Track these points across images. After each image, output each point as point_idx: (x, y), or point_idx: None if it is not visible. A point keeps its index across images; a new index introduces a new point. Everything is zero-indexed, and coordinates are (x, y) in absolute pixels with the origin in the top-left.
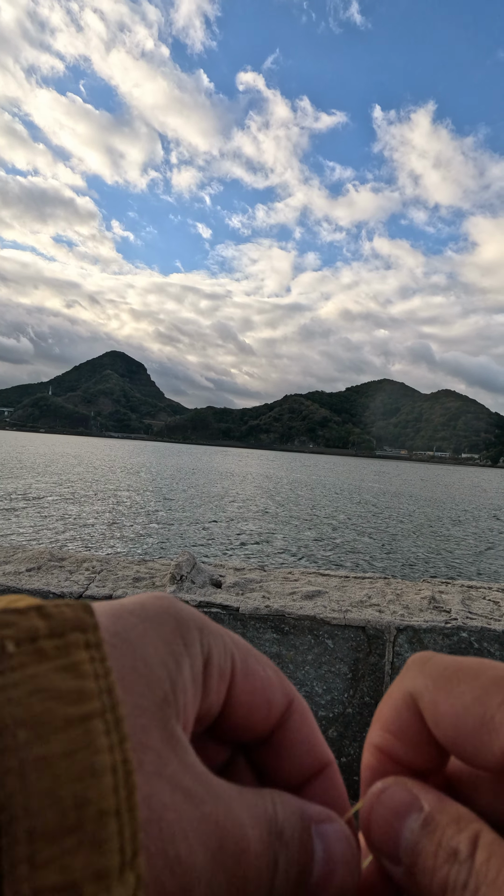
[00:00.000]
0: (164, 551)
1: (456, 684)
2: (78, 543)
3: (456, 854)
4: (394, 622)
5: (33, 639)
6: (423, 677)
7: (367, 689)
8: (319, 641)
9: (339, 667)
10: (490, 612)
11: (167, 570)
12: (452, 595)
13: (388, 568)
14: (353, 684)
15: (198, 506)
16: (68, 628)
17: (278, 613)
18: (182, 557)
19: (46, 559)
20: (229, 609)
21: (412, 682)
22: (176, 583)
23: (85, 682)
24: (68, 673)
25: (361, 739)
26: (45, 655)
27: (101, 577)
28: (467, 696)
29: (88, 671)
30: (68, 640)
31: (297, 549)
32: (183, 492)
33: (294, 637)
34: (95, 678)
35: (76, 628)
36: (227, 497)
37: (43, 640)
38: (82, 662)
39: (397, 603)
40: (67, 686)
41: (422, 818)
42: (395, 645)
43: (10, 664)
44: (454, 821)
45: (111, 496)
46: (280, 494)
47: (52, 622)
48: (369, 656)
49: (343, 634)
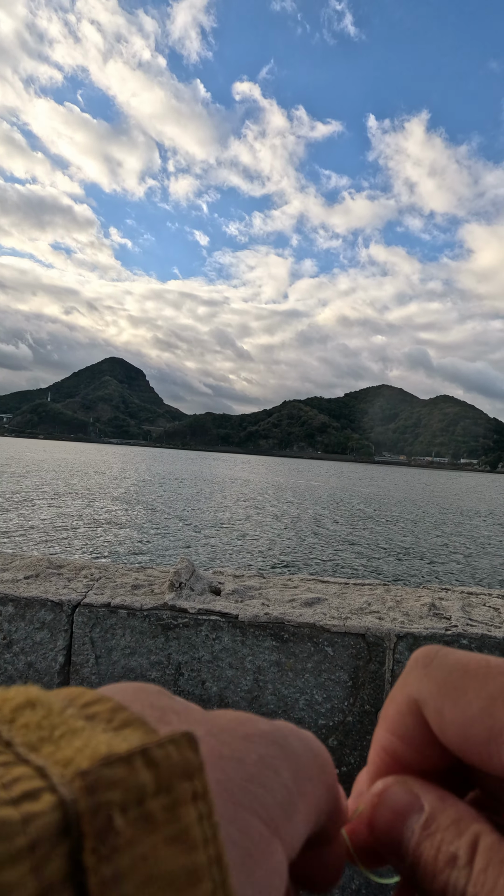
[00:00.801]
0: (163, 558)
1: (462, 692)
2: (76, 551)
3: (455, 859)
4: (394, 629)
5: (140, 800)
6: (427, 682)
7: (367, 698)
8: (319, 649)
9: (338, 675)
10: (490, 619)
11: (166, 578)
12: (452, 602)
13: (387, 574)
14: (354, 692)
15: (196, 512)
16: (175, 778)
17: (278, 621)
18: (181, 564)
19: (45, 566)
20: (228, 617)
21: (416, 686)
22: (175, 590)
23: (196, 857)
24: (178, 846)
25: (362, 748)
26: (155, 823)
27: (99, 584)
28: (474, 706)
29: (198, 838)
30: (176, 798)
31: (297, 556)
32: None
33: (293, 645)
34: (205, 845)
35: (183, 775)
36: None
37: (150, 801)
38: (191, 826)
39: (397, 610)
40: (179, 865)
41: (422, 819)
42: (395, 652)
43: (117, 842)
44: (454, 822)
45: (109, 503)
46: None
47: (159, 772)
48: (369, 664)
49: (343, 642)
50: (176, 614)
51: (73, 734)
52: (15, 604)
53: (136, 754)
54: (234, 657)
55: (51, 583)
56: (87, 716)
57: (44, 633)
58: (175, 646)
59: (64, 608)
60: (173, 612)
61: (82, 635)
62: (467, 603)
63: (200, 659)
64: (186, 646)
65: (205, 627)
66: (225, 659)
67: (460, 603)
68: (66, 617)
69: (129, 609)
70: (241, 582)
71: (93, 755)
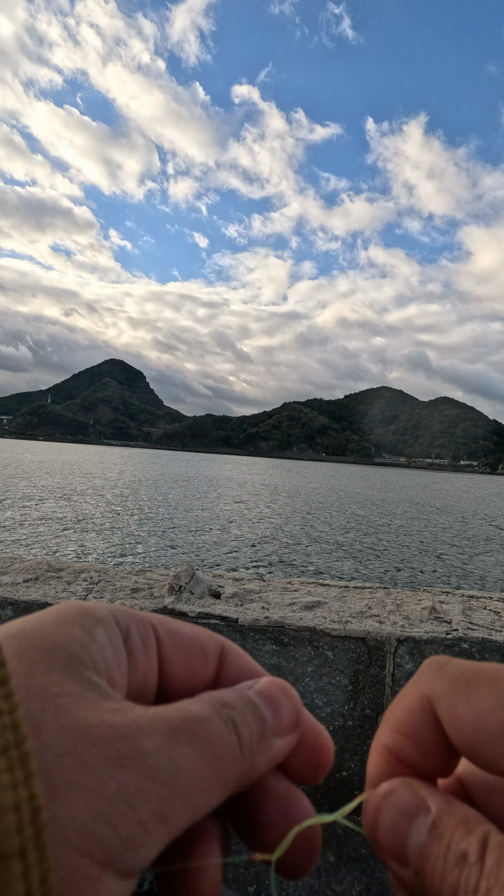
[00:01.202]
0: (163, 562)
1: (475, 688)
2: (75, 554)
3: (465, 857)
4: (394, 633)
5: None
6: (440, 680)
7: (367, 702)
8: (319, 653)
9: (339, 678)
10: (491, 623)
11: (165, 581)
12: (453, 605)
13: (388, 577)
14: (354, 696)
15: (196, 515)
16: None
17: (278, 624)
18: (180, 568)
19: (44, 570)
20: (228, 620)
21: (429, 684)
22: (174, 593)
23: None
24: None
25: (362, 753)
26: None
27: (98, 587)
28: (488, 700)
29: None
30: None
31: (297, 559)
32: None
33: (294, 648)
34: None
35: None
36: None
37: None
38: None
39: (398, 613)
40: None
41: (430, 821)
42: (395, 656)
43: None
44: (462, 823)
45: (109, 506)
46: (279, 503)
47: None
48: (370, 668)
49: (343, 646)
50: (176, 618)
51: None
52: (14, 607)
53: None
54: None
55: (50, 586)
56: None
57: None
58: None
59: None
60: (173, 615)
61: None
62: (468, 606)
63: None
64: None
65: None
66: None
67: (461, 607)
68: None
69: None
70: (240, 585)
71: None
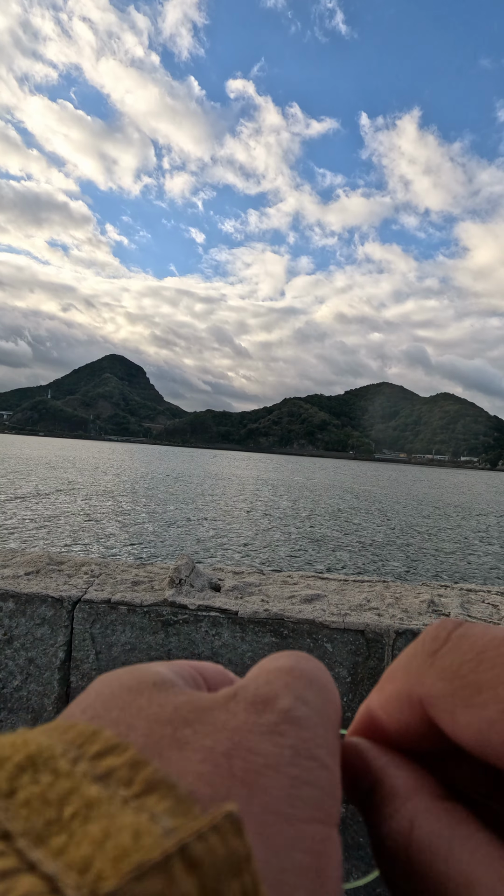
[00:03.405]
0: (163, 555)
1: (477, 692)
2: (76, 547)
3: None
4: (393, 626)
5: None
6: (434, 678)
7: (366, 693)
8: (318, 645)
9: (338, 671)
10: (489, 616)
11: (166, 574)
12: (451, 598)
13: (386, 571)
14: (353, 688)
15: (196, 509)
16: (223, 879)
17: (277, 617)
18: (181, 561)
19: (45, 563)
20: (228, 613)
21: (419, 681)
22: (175, 586)
23: None
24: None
25: None
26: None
27: (99, 580)
28: (492, 708)
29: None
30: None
31: (296, 553)
32: (182, 495)
33: (293, 641)
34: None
35: (231, 872)
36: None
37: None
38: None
39: (396, 606)
40: None
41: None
42: (394, 649)
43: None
44: (389, 797)
45: (109, 499)
46: (279, 498)
47: (202, 875)
48: (368, 660)
49: (342, 638)
50: (176, 610)
51: (89, 811)
52: (16, 600)
53: (173, 856)
54: (234, 653)
55: (51, 579)
56: (100, 775)
57: (44, 629)
58: (175, 642)
59: (64, 604)
60: (173, 608)
61: (83, 631)
62: (466, 600)
63: (200, 655)
64: (186, 642)
65: (204, 623)
66: (224, 655)
67: (459, 600)
68: (67, 613)
69: (129, 605)
70: (240, 578)
71: (117, 853)
